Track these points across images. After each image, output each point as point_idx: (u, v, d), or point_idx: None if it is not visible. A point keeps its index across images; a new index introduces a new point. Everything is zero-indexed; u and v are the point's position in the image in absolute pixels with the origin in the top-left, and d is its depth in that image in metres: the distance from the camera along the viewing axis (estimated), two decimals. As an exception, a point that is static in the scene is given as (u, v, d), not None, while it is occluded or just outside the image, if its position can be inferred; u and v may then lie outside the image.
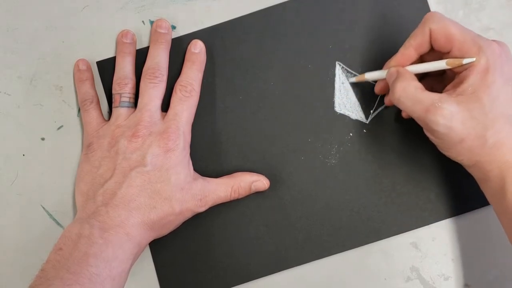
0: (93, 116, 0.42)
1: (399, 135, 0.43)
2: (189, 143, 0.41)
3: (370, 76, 0.41)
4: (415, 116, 0.36)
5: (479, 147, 0.35)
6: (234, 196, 0.41)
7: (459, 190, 0.42)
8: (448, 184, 0.42)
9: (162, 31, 0.42)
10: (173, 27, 0.44)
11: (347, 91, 0.43)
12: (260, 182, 0.41)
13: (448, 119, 0.34)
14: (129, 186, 0.38)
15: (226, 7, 0.44)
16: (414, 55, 0.38)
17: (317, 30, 0.43)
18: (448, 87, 0.37)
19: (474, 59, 0.35)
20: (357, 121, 0.43)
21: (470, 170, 0.37)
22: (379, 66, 0.42)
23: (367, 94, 0.43)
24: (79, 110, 0.43)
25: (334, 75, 0.43)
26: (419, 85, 0.36)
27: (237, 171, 0.42)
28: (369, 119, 0.43)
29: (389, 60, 0.39)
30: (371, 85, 0.43)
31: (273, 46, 0.43)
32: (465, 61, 0.35)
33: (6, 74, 0.44)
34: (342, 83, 0.43)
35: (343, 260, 0.42)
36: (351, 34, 0.43)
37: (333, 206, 0.42)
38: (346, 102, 0.43)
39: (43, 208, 0.43)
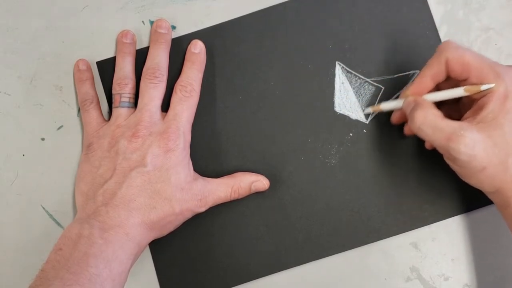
0: (93, 116, 0.42)
1: (399, 135, 0.43)
2: (189, 143, 0.41)
3: (386, 106, 0.41)
4: (436, 144, 0.35)
5: (501, 174, 0.34)
6: (234, 196, 0.41)
7: (459, 190, 0.42)
8: (448, 184, 0.42)
9: (162, 31, 0.42)
10: (173, 27, 0.44)
11: (347, 91, 0.43)
12: (260, 182, 0.41)
13: (470, 147, 0.34)
14: (129, 186, 0.38)
15: (226, 7, 0.44)
16: (430, 84, 0.38)
17: (317, 30, 0.43)
18: (467, 114, 0.36)
19: (493, 85, 0.35)
20: (357, 121, 0.43)
21: (491, 197, 0.37)
22: (379, 66, 0.42)
23: (367, 94, 0.43)
24: (79, 110, 0.43)
25: (334, 75, 0.43)
26: (438, 113, 0.36)
27: (237, 171, 0.42)
28: (369, 119, 0.43)
29: (404, 89, 0.39)
30: (371, 85, 0.43)
31: (273, 46, 0.43)
32: (483, 87, 0.35)
33: (6, 74, 0.44)
34: (342, 83, 0.43)
35: (343, 260, 0.42)
36: (351, 34, 0.43)
37: (333, 206, 0.42)
38: (346, 102, 0.43)
39: (43, 208, 0.43)
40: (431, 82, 0.37)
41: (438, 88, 0.38)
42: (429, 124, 0.35)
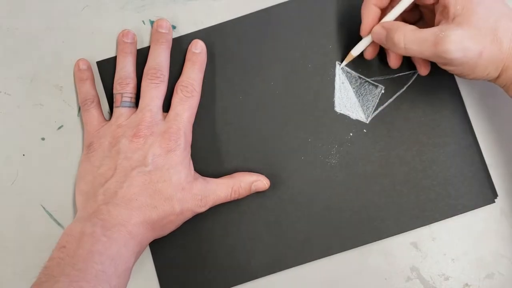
0: (94, 115, 0.42)
1: (399, 135, 0.43)
2: (190, 143, 0.41)
3: (356, 51, 0.41)
4: (426, 55, 0.36)
5: (498, 51, 0.35)
6: (234, 196, 0.41)
7: (459, 190, 0.42)
8: (448, 184, 0.42)
9: (163, 31, 0.42)
10: (174, 27, 0.44)
11: (347, 91, 0.43)
12: (260, 182, 0.41)
13: (459, 42, 0.35)
14: (130, 186, 0.38)
15: (226, 7, 0.44)
16: (377, 11, 0.39)
17: (317, 30, 0.43)
18: (437, 18, 0.37)
19: None
20: (357, 121, 0.43)
21: (499, 82, 0.37)
22: (379, 66, 0.42)
23: (367, 94, 0.43)
24: (79, 110, 0.43)
25: (334, 75, 0.43)
26: (413, 27, 0.37)
27: (237, 171, 0.42)
28: (369, 119, 0.43)
29: (361, 29, 0.40)
30: (371, 84, 0.43)
31: (273, 46, 0.43)
32: None
33: (6, 74, 0.44)
34: (342, 83, 0.43)
35: (343, 260, 0.42)
36: (351, 34, 0.43)
37: (333, 206, 0.42)
38: (346, 102, 0.43)
39: (43, 208, 0.43)
40: (376, 9, 0.39)
41: (384, 14, 0.39)
42: (411, 39, 0.36)
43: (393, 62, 0.41)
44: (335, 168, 0.43)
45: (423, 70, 0.41)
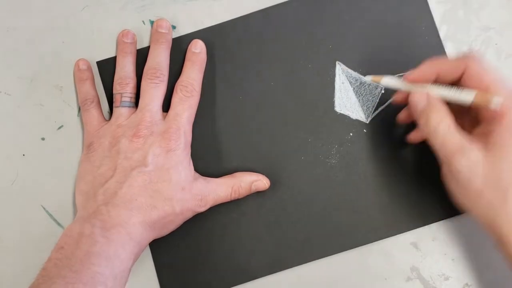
0: (93, 115, 0.42)
1: (399, 135, 0.43)
2: (190, 143, 0.41)
3: (388, 81, 0.39)
4: (439, 154, 0.35)
5: (499, 204, 0.34)
6: (235, 196, 0.41)
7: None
8: (448, 184, 0.42)
9: (163, 31, 0.42)
10: (174, 27, 0.44)
11: (347, 91, 0.43)
12: (260, 182, 0.41)
13: (472, 168, 0.34)
14: (130, 186, 0.38)
15: (226, 7, 0.44)
16: (432, 77, 0.36)
17: (317, 30, 0.43)
18: (480, 128, 0.36)
19: (502, 99, 0.33)
20: (357, 121, 0.43)
21: (486, 231, 0.36)
22: (378, 66, 0.42)
23: (367, 94, 0.43)
24: (79, 110, 0.43)
25: (334, 75, 0.43)
26: (453, 122, 0.35)
27: (237, 171, 0.42)
28: (369, 119, 0.43)
29: (410, 73, 0.37)
30: (371, 84, 0.43)
31: (273, 46, 0.43)
32: (495, 99, 0.33)
33: (6, 74, 0.44)
34: (342, 83, 0.43)
35: (343, 260, 0.42)
36: (351, 34, 0.43)
37: (333, 206, 0.42)
38: (346, 102, 0.43)
39: (43, 208, 0.43)
40: (435, 76, 0.36)
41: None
42: (441, 133, 0.34)
43: (403, 118, 0.40)
44: (335, 168, 0.43)
45: (413, 139, 0.40)
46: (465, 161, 0.34)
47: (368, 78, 0.41)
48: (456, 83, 0.36)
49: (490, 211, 0.34)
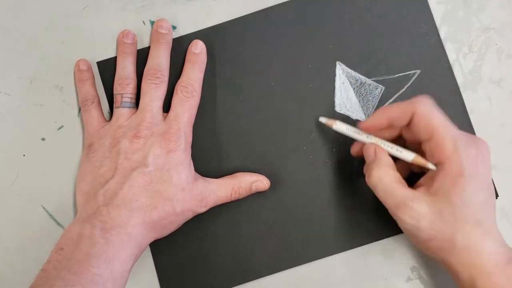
0: (94, 116, 0.42)
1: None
2: (190, 143, 0.41)
3: (340, 127, 0.40)
4: (386, 206, 0.36)
5: (448, 249, 0.35)
6: (235, 196, 0.41)
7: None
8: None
9: (163, 31, 0.42)
10: (174, 27, 0.44)
11: (347, 91, 0.43)
12: (260, 182, 0.41)
13: (416, 220, 0.35)
14: (131, 187, 0.38)
15: (226, 7, 0.44)
16: (385, 126, 0.37)
17: (317, 30, 0.43)
18: (423, 180, 0.37)
19: (435, 168, 0.35)
20: (357, 121, 0.43)
21: (440, 265, 0.37)
22: (379, 66, 0.42)
23: (367, 94, 0.43)
24: (79, 110, 0.43)
25: (334, 75, 0.43)
26: (396, 176, 0.36)
27: (237, 171, 0.42)
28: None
29: (361, 123, 0.38)
30: (371, 85, 0.43)
31: (273, 46, 0.43)
32: (429, 166, 0.36)
33: (6, 74, 0.44)
34: (342, 83, 0.43)
35: (343, 260, 0.42)
36: (351, 34, 0.43)
37: (333, 206, 0.42)
38: (346, 102, 0.43)
39: (43, 208, 0.43)
40: (387, 124, 0.37)
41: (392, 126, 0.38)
42: (384, 186, 0.36)
43: (354, 152, 0.40)
44: (335, 168, 0.43)
45: (354, 151, 0.41)
46: (409, 214, 0.35)
47: (323, 120, 0.41)
48: (408, 126, 0.37)
49: (440, 255, 0.35)
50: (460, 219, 0.34)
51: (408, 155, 0.37)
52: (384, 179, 0.36)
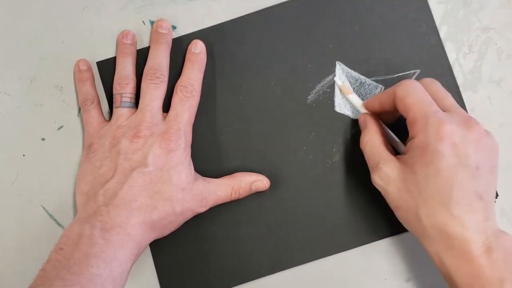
0: (94, 116, 0.42)
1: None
2: (190, 143, 0.41)
3: (351, 97, 0.42)
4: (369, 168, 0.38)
5: (414, 222, 0.35)
6: (235, 196, 0.41)
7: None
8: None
9: (163, 31, 0.42)
10: (174, 27, 0.44)
11: (347, 91, 0.43)
12: (260, 182, 0.41)
13: (385, 182, 0.36)
14: (131, 186, 0.38)
15: (226, 7, 0.44)
16: (378, 108, 0.40)
17: (317, 30, 0.43)
18: (405, 148, 0.37)
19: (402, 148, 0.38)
20: (357, 121, 0.43)
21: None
22: (379, 66, 0.43)
23: (367, 94, 0.43)
24: (79, 110, 0.43)
25: (334, 75, 0.43)
26: (381, 140, 0.38)
27: (237, 171, 0.42)
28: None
29: (365, 102, 0.41)
30: (371, 84, 0.43)
31: (273, 46, 0.43)
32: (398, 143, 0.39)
33: (6, 74, 0.44)
34: (342, 82, 0.43)
35: (343, 260, 0.42)
36: (351, 34, 0.43)
37: (333, 206, 0.42)
38: (346, 102, 0.43)
39: (43, 208, 0.43)
40: (379, 107, 0.39)
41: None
42: (369, 147, 0.38)
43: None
44: (335, 168, 0.43)
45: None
46: (379, 174, 0.36)
47: (338, 82, 0.43)
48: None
49: (409, 226, 0.36)
50: (424, 194, 0.34)
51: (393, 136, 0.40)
52: (369, 142, 0.38)
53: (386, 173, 0.36)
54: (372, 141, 0.38)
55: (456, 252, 0.33)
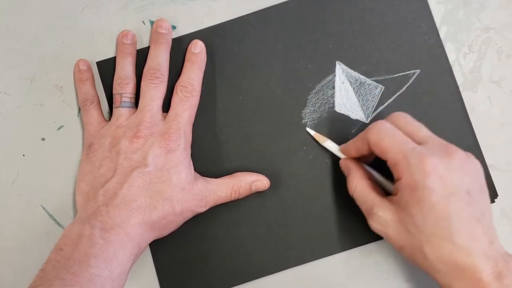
0: (94, 116, 0.42)
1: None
2: (190, 143, 0.41)
3: (327, 145, 0.42)
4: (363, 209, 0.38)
5: (421, 259, 0.35)
6: (235, 196, 0.41)
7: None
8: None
9: (163, 31, 0.42)
10: (174, 27, 0.44)
11: (347, 91, 0.43)
12: (260, 182, 0.41)
13: (383, 227, 0.36)
14: (130, 186, 0.38)
15: (226, 7, 0.44)
16: (355, 154, 0.39)
17: (317, 30, 0.43)
18: (395, 188, 0.37)
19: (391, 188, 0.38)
20: (357, 121, 0.43)
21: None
22: (379, 66, 0.43)
23: (367, 94, 0.43)
24: (79, 110, 0.43)
25: (334, 75, 0.43)
26: (368, 184, 0.38)
27: (237, 171, 0.42)
28: (369, 119, 0.43)
29: (343, 147, 0.41)
30: (371, 84, 0.43)
31: (273, 46, 0.43)
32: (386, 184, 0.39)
33: (6, 74, 0.44)
34: (342, 83, 0.43)
35: (343, 260, 0.42)
36: (351, 34, 0.43)
37: (333, 206, 0.42)
38: (346, 102, 0.43)
39: (43, 208, 0.43)
40: (356, 153, 0.39)
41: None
42: (358, 194, 0.38)
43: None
44: (335, 168, 0.43)
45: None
46: (376, 220, 0.36)
47: (311, 132, 0.43)
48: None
49: (417, 262, 0.36)
50: (424, 231, 0.34)
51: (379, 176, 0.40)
52: (357, 189, 0.38)
53: (382, 218, 0.36)
54: (360, 186, 0.38)
55: (467, 282, 0.33)
